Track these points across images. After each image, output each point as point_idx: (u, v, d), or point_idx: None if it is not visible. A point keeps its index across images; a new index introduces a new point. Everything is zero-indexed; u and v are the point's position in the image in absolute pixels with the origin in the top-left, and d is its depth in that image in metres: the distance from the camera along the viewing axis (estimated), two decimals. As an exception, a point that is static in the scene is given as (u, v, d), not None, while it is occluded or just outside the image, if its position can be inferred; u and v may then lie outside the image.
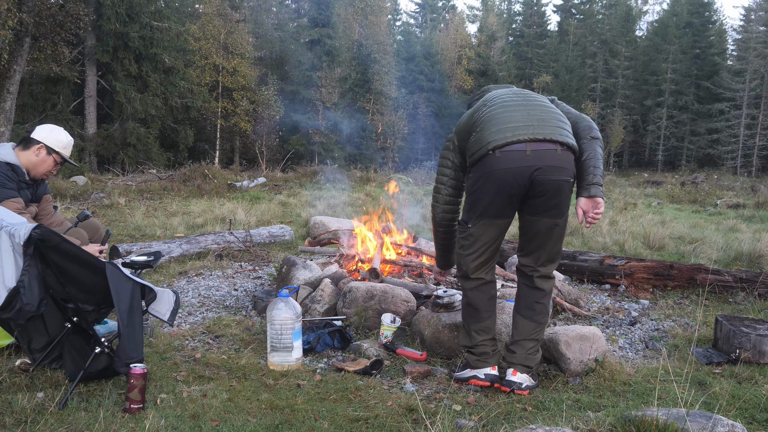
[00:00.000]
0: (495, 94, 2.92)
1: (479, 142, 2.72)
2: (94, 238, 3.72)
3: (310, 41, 29.96)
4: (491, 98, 2.88)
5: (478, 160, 2.72)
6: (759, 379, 2.89)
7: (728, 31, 46.49)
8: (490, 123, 2.73)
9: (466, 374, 2.93)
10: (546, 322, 2.95)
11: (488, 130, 2.71)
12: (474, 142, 2.76)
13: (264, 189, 14.20)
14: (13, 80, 16.98)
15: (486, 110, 2.81)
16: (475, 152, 2.74)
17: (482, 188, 2.72)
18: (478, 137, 2.75)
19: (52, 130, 3.43)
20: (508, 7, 52.70)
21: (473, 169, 2.78)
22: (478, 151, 2.72)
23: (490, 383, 2.86)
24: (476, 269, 2.84)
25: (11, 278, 2.25)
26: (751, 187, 20.16)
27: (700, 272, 4.73)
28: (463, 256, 2.86)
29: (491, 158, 2.66)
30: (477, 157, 2.72)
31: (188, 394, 2.62)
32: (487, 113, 2.79)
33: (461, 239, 2.88)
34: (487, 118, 2.76)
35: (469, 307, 2.91)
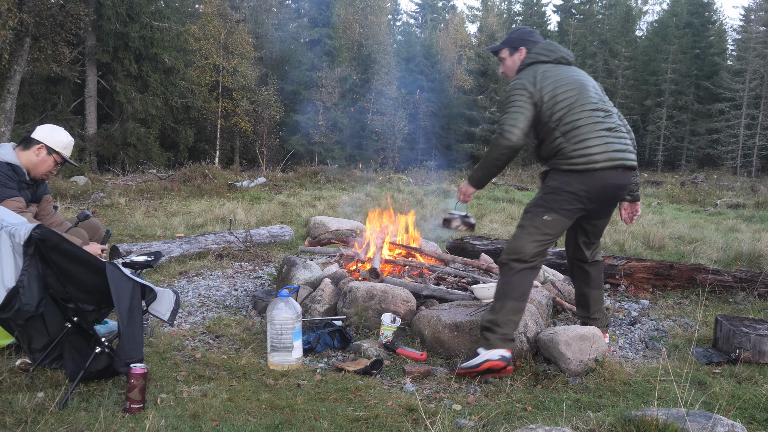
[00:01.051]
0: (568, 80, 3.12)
1: (581, 154, 3.01)
2: (95, 238, 3.72)
3: (310, 41, 29.98)
4: (576, 97, 3.07)
5: (577, 170, 3.02)
6: (759, 379, 2.90)
7: (728, 31, 46.50)
8: (588, 137, 3.02)
9: (476, 360, 2.95)
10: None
11: (590, 144, 3.01)
12: (576, 149, 3.02)
13: (264, 189, 14.20)
14: (14, 80, 16.99)
15: (576, 114, 3.04)
16: (576, 161, 3.02)
17: (574, 193, 3.03)
18: (580, 147, 3.01)
19: (53, 130, 3.43)
20: (508, 7, 52.69)
21: (568, 174, 3.05)
22: (581, 162, 3.01)
23: (505, 364, 2.91)
24: (534, 256, 3.06)
25: (10, 278, 2.25)
26: (750, 187, 20.16)
27: (700, 272, 4.73)
28: (528, 240, 3.05)
29: (593, 174, 3.02)
30: (579, 167, 3.01)
31: (188, 394, 2.62)
32: (579, 121, 3.03)
33: (532, 225, 3.08)
34: (583, 131, 3.03)
35: (508, 285, 3.05)
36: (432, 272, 4.41)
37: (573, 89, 3.12)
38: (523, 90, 3.10)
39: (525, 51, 3.31)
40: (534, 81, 3.12)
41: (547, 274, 4.64)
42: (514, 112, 3.08)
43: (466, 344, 3.22)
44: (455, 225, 3.61)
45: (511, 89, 3.16)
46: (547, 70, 3.16)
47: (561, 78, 3.14)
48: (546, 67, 3.19)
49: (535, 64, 3.22)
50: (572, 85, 3.13)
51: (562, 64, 3.26)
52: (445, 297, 3.87)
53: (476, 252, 5.54)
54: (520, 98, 3.10)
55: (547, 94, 3.09)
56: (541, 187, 3.24)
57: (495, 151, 3.11)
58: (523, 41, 3.32)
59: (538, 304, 3.75)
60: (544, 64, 3.21)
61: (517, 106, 3.08)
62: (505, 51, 3.39)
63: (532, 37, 3.35)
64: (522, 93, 3.10)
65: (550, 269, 4.88)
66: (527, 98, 3.09)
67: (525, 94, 3.09)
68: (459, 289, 4.06)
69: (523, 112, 3.07)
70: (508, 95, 3.16)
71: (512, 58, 3.36)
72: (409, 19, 54.83)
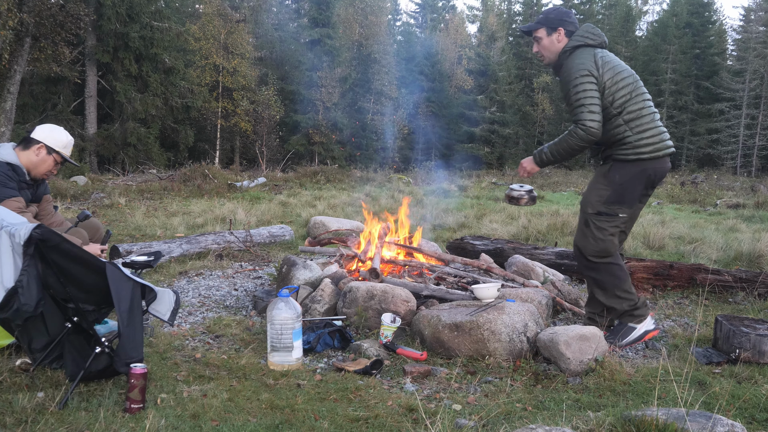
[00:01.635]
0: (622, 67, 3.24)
1: (648, 143, 3.16)
2: (95, 238, 3.72)
3: (310, 41, 29.96)
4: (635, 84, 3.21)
5: (644, 158, 3.17)
6: (759, 379, 2.90)
7: (728, 31, 46.49)
8: (652, 126, 3.20)
9: (636, 334, 3.30)
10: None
11: (655, 132, 3.19)
12: (641, 138, 3.16)
13: (264, 189, 14.20)
14: (14, 80, 16.99)
15: (639, 103, 3.19)
16: (643, 150, 3.16)
17: (640, 182, 3.21)
18: (645, 136, 3.16)
19: (52, 129, 3.43)
20: (508, 7, 52.67)
21: (635, 164, 3.19)
22: (649, 151, 3.16)
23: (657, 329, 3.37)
24: (615, 248, 3.32)
25: (10, 278, 2.25)
26: (750, 187, 20.16)
27: (699, 272, 4.73)
28: (611, 240, 3.29)
29: (658, 162, 3.21)
30: (646, 155, 3.16)
31: (188, 393, 2.62)
32: (642, 110, 3.19)
33: (610, 226, 3.27)
34: (647, 120, 3.19)
35: (608, 275, 3.32)
36: (432, 272, 4.41)
37: (630, 76, 3.22)
38: (590, 76, 3.12)
39: (563, 32, 3.30)
40: (596, 65, 3.14)
41: (548, 274, 4.65)
42: (590, 104, 3.10)
43: (466, 344, 3.23)
44: (524, 201, 3.81)
45: (576, 74, 3.14)
46: (604, 54, 3.21)
47: (617, 64, 3.22)
48: (599, 51, 3.22)
49: (586, 47, 3.22)
50: (628, 72, 3.23)
51: (605, 49, 3.27)
52: (445, 297, 3.87)
53: (476, 252, 5.54)
54: (590, 85, 3.11)
55: (609, 80, 3.14)
56: (601, 180, 3.30)
57: (575, 141, 3.18)
58: (562, 21, 3.31)
59: (538, 304, 3.75)
60: (593, 48, 3.22)
61: (590, 96, 3.10)
62: (542, 30, 3.35)
63: (569, 17, 3.34)
64: (590, 79, 3.12)
65: (550, 269, 4.89)
66: (595, 84, 3.12)
67: (592, 80, 3.12)
68: (459, 289, 4.06)
69: (597, 101, 3.12)
70: (574, 81, 3.14)
71: (550, 38, 3.34)
72: (409, 19, 54.82)
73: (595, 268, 3.34)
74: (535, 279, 4.51)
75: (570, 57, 3.25)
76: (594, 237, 3.28)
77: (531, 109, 40.23)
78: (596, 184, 3.35)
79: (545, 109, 39.82)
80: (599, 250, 3.28)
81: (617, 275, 3.32)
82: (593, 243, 3.28)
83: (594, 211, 3.30)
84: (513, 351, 3.18)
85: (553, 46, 3.34)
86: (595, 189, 3.34)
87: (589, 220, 3.32)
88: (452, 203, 11.73)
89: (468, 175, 22.20)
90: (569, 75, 3.19)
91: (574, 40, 3.26)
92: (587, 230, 3.31)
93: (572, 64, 3.20)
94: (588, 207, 3.33)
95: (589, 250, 3.30)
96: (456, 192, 14.87)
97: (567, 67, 3.23)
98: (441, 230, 8.17)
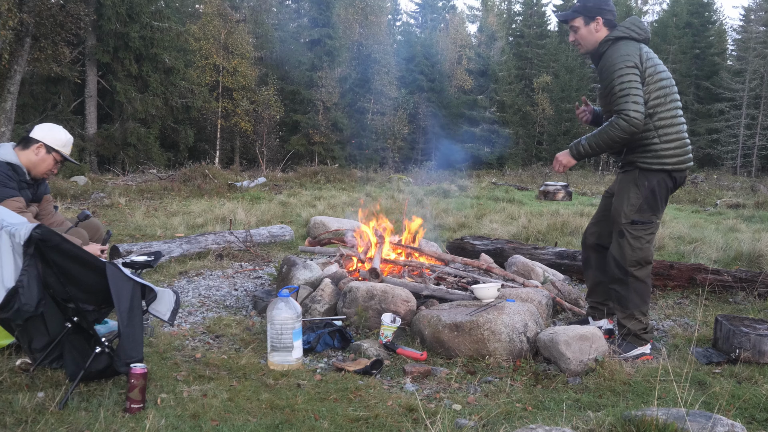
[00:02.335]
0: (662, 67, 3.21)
1: (673, 154, 3.18)
2: (95, 238, 3.72)
3: (310, 41, 29.96)
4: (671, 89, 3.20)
5: (667, 169, 3.19)
6: (759, 379, 2.90)
7: (728, 31, 46.49)
8: (681, 138, 3.21)
9: (636, 352, 3.30)
10: None
11: (681, 144, 3.21)
12: (668, 148, 3.17)
13: (264, 189, 14.20)
14: (14, 80, 16.99)
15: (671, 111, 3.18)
16: (668, 161, 3.18)
17: (668, 190, 3.26)
18: (672, 147, 3.17)
19: (51, 128, 3.42)
20: (508, 7, 52.66)
21: (658, 173, 3.20)
22: (673, 162, 3.19)
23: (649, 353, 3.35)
24: (652, 256, 3.34)
25: (10, 278, 2.25)
26: (750, 187, 20.16)
27: (699, 272, 4.73)
28: (649, 247, 3.28)
29: (678, 174, 3.25)
30: (669, 166, 3.19)
31: (188, 393, 2.62)
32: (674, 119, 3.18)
33: (646, 234, 3.26)
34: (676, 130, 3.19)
35: (644, 291, 3.32)
36: (432, 272, 4.41)
37: (668, 79, 3.18)
38: (634, 68, 3.06)
39: (602, 21, 3.23)
40: (641, 58, 3.09)
41: (548, 274, 4.65)
42: (634, 94, 3.03)
43: (466, 344, 3.23)
44: (560, 196, 3.78)
45: (621, 64, 3.07)
46: (648, 51, 3.17)
47: (659, 63, 3.17)
48: (644, 46, 3.17)
49: (629, 40, 3.16)
50: (667, 75, 3.19)
51: (648, 45, 3.22)
52: (445, 297, 3.87)
53: (476, 252, 5.54)
54: (634, 76, 3.06)
55: (650, 77, 3.11)
56: (632, 189, 3.25)
57: (617, 133, 3.08)
58: (600, 10, 3.22)
59: (538, 304, 3.75)
60: (638, 42, 3.16)
61: (635, 87, 3.04)
62: (579, 19, 3.27)
63: (608, 5, 3.24)
64: (634, 71, 3.06)
65: (550, 269, 4.89)
66: (639, 76, 3.07)
67: (636, 72, 3.07)
68: (459, 289, 4.06)
69: (640, 93, 3.04)
70: (619, 71, 3.06)
71: (588, 28, 3.25)
72: (409, 19, 54.78)
73: (625, 282, 3.29)
74: (535, 279, 4.51)
75: (613, 46, 3.16)
76: (632, 247, 3.24)
77: (531, 109, 40.24)
78: (626, 192, 3.27)
79: (545, 109, 39.81)
80: (639, 259, 3.25)
81: (642, 296, 3.31)
82: (631, 253, 3.24)
83: (628, 220, 3.24)
84: (513, 351, 3.18)
85: (592, 36, 3.25)
86: (626, 198, 3.26)
87: (624, 231, 3.25)
88: (452, 203, 11.73)
89: (468, 175, 22.20)
90: (612, 64, 3.10)
91: (619, 31, 3.18)
92: (623, 241, 3.26)
93: (617, 54, 3.11)
94: (621, 217, 3.26)
95: (628, 261, 3.25)
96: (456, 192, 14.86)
97: (610, 57, 3.14)
98: (441, 230, 8.17)
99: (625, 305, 3.33)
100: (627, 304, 3.32)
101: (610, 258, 3.36)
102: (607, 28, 3.24)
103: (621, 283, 3.32)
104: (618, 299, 3.37)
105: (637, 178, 3.23)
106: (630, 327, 3.32)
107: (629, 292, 3.30)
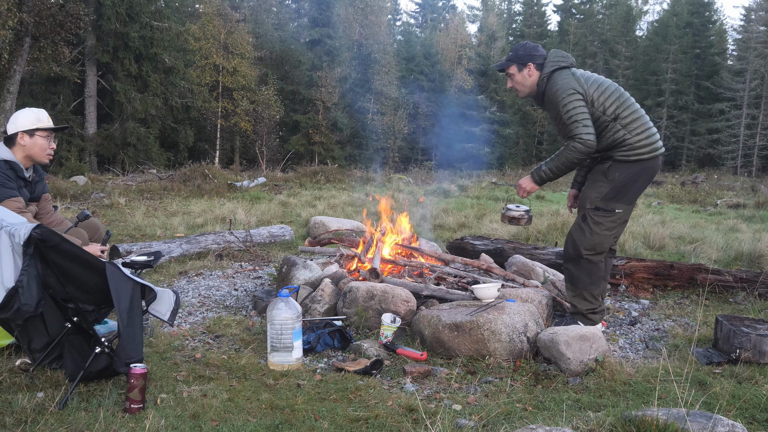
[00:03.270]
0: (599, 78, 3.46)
1: (646, 143, 3.35)
2: (95, 238, 3.71)
3: (310, 41, 29.98)
4: (619, 91, 3.43)
5: (644, 158, 3.35)
6: (759, 379, 2.89)
7: (728, 31, 46.43)
8: (648, 127, 3.39)
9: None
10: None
11: (651, 133, 3.38)
12: (640, 140, 3.34)
13: (264, 189, 14.20)
14: (14, 80, 16.99)
15: (630, 107, 3.39)
16: (643, 150, 3.34)
17: (639, 181, 3.40)
18: (643, 138, 3.34)
19: (17, 115, 3.37)
20: (508, 7, 52.64)
21: (635, 164, 3.35)
22: (647, 151, 3.35)
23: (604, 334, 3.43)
24: (608, 246, 3.49)
25: (10, 278, 2.25)
26: (751, 187, 20.14)
27: (700, 272, 4.72)
28: (606, 236, 3.45)
29: (656, 161, 3.40)
30: (646, 156, 3.35)
31: (188, 394, 2.62)
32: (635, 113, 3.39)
33: (607, 221, 3.42)
34: (642, 122, 3.38)
35: (593, 275, 3.49)
36: (432, 272, 4.41)
37: (611, 85, 3.45)
38: (575, 93, 3.33)
39: (533, 66, 3.50)
40: (578, 82, 3.36)
41: (548, 274, 4.64)
42: (582, 119, 3.30)
43: (466, 344, 3.22)
44: (524, 222, 3.93)
45: (563, 93, 3.34)
46: (581, 72, 3.45)
47: (596, 77, 3.47)
48: (576, 70, 3.46)
49: (560, 70, 3.44)
50: (608, 82, 3.46)
51: (574, 67, 3.51)
52: (445, 297, 3.87)
53: (476, 252, 5.53)
54: (578, 102, 3.32)
55: (595, 91, 3.36)
56: (600, 178, 3.44)
57: (575, 155, 3.34)
58: (530, 57, 3.51)
59: (539, 304, 3.75)
60: (568, 68, 3.45)
61: (580, 112, 3.31)
62: (513, 67, 3.57)
63: (537, 51, 3.53)
64: (577, 96, 3.33)
65: (551, 269, 4.88)
66: (582, 99, 3.32)
67: (579, 97, 3.33)
68: (459, 289, 4.06)
69: (587, 115, 3.31)
70: (563, 101, 3.33)
71: (521, 74, 3.55)
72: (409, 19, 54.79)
73: (577, 263, 3.51)
74: (535, 279, 4.51)
75: (550, 81, 3.44)
76: (591, 231, 3.45)
77: (531, 109, 40.19)
78: (595, 181, 3.48)
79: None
80: (594, 245, 3.45)
81: (592, 277, 3.50)
82: (589, 237, 3.45)
83: (592, 206, 3.45)
84: (513, 351, 3.18)
85: (526, 81, 3.55)
86: (594, 185, 3.48)
87: (587, 215, 3.47)
88: (452, 203, 11.73)
89: (468, 175, 22.20)
90: (556, 96, 3.37)
91: (548, 67, 3.46)
92: (584, 224, 3.48)
93: (556, 87, 3.38)
94: (586, 202, 3.48)
95: (584, 243, 3.46)
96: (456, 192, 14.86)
97: (551, 91, 3.41)
98: (441, 230, 8.17)
99: (575, 284, 3.55)
100: (577, 283, 3.53)
101: (569, 237, 3.59)
102: (539, 71, 3.53)
103: (574, 262, 3.52)
104: (569, 278, 3.60)
105: (607, 169, 3.43)
106: (578, 306, 3.54)
107: (580, 272, 3.50)
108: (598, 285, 3.52)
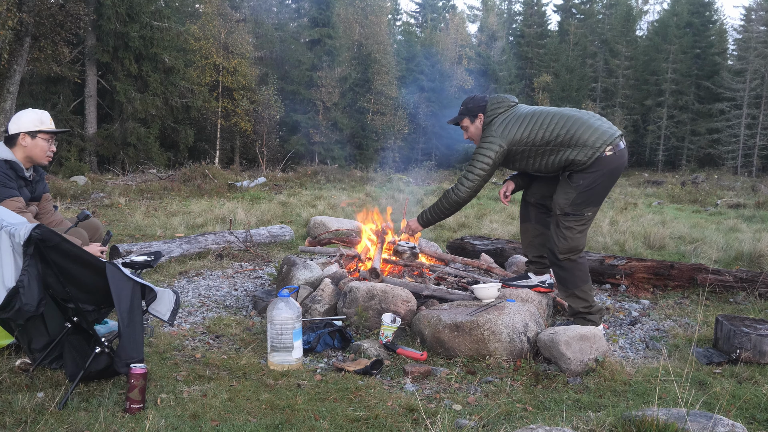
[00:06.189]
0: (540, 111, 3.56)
1: (595, 144, 3.37)
2: (95, 238, 3.71)
3: (310, 41, 29.96)
4: (559, 115, 3.50)
5: (602, 157, 3.38)
6: (759, 379, 2.89)
7: (729, 30, 46.44)
8: (593, 127, 3.42)
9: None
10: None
11: (596, 131, 3.40)
12: (587, 145, 3.38)
13: (264, 189, 14.20)
14: (14, 80, 16.98)
15: (565, 124, 3.44)
16: (594, 151, 3.37)
17: (605, 181, 3.46)
18: (590, 142, 3.37)
19: (20, 116, 3.38)
20: (508, 7, 52.68)
21: (594, 166, 3.39)
22: (600, 150, 3.37)
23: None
24: (584, 245, 3.60)
25: (10, 278, 2.25)
26: (751, 186, 20.14)
27: (700, 272, 4.72)
28: (580, 237, 3.54)
29: (615, 158, 3.40)
30: (600, 153, 3.37)
31: (188, 394, 2.62)
32: (573, 124, 3.43)
33: (578, 225, 3.51)
34: (583, 128, 3.42)
35: (579, 271, 3.56)
36: (432, 272, 4.41)
37: (539, 112, 3.54)
38: (494, 152, 3.51)
39: (483, 117, 3.68)
40: (507, 132, 3.51)
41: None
42: (477, 173, 3.55)
43: (466, 344, 3.22)
44: (406, 257, 4.31)
45: (485, 144, 3.55)
46: (519, 114, 3.57)
47: (523, 114, 3.56)
48: (514, 110, 3.61)
49: (497, 117, 3.60)
50: (529, 110, 3.58)
51: (513, 107, 3.64)
52: (445, 297, 3.87)
53: (476, 252, 5.53)
54: (489, 159, 3.52)
55: (524, 131, 3.48)
56: (564, 185, 3.52)
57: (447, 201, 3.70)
58: (480, 108, 3.70)
59: (539, 304, 3.75)
60: (501, 115, 3.60)
61: (483, 167, 3.54)
62: (466, 120, 3.76)
63: (483, 101, 3.71)
64: (493, 154, 3.51)
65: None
66: (492, 160, 3.52)
67: (494, 155, 3.51)
68: (459, 289, 4.06)
69: (483, 177, 3.56)
70: (481, 149, 3.56)
71: (474, 125, 3.74)
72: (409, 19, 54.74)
73: (561, 266, 3.58)
74: (535, 279, 4.50)
75: (486, 129, 3.64)
76: (564, 236, 3.53)
77: (531, 109, 40.17)
78: (562, 187, 3.57)
79: (545, 109, 39.72)
80: (569, 248, 3.54)
81: (578, 275, 3.58)
82: (563, 242, 3.54)
83: (562, 212, 3.52)
84: (513, 351, 3.18)
85: (478, 131, 3.73)
86: (561, 192, 3.55)
87: (558, 221, 3.56)
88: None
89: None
90: (482, 142, 3.61)
91: (488, 116, 3.64)
92: (558, 230, 3.57)
93: (486, 135, 3.59)
94: (556, 209, 3.56)
95: (560, 249, 3.54)
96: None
97: (483, 135, 3.63)
98: (441, 230, 8.17)
99: (565, 285, 3.63)
100: (566, 283, 3.61)
101: (548, 244, 3.69)
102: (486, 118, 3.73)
103: (557, 266, 3.63)
104: (558, 280, 3.70)
105: (569, 177, 3.52)
106: (573, 306, 3.61)
107: (566, 273, 3.59)
108: (587, 281, 3.61)
